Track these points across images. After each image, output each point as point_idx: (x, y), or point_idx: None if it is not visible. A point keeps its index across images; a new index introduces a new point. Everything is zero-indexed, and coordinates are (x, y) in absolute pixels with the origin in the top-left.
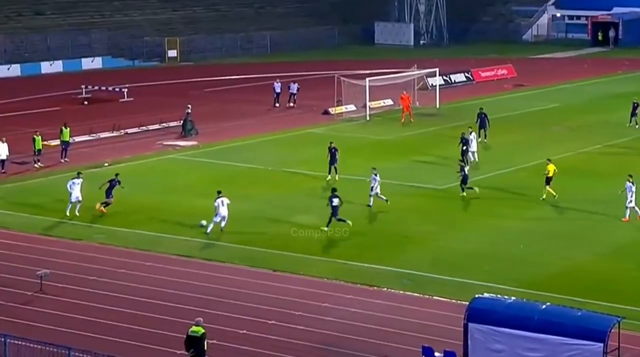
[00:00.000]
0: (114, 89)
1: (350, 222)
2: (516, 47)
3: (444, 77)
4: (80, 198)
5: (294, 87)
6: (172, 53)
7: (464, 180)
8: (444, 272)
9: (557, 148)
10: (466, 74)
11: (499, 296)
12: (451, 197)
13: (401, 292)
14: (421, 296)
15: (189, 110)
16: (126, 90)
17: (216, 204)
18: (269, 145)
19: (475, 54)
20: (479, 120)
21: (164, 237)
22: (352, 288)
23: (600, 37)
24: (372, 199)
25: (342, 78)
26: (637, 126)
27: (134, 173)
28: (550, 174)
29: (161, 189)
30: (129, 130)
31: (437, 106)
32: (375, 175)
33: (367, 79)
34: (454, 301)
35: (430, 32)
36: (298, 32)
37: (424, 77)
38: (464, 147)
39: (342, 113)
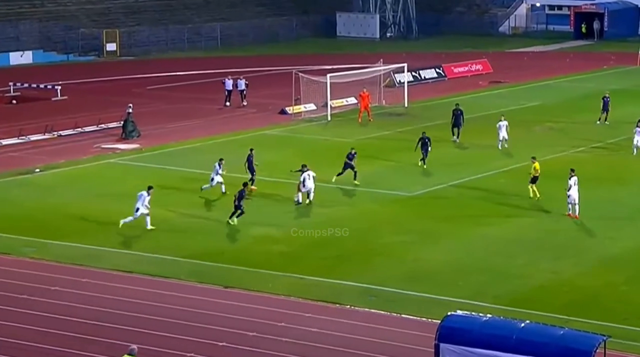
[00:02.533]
0: (45, 86)
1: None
2: (492, 40)
3: (413, 73)
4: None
5: (242, 84)
6: (110, 46)
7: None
8: (414, 288)
9: (538, 150)
10: (437, 70)
11: (473, 313)
12: (423, 204)
13: (366, 309)
14: (388, 314)
15: (130, 110)
16: (59, 88)
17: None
18: (220, 148)
19: (447, 48)
20: (454, 117)
21: (102, 250)
22: (311, 306)
23: (583, 29)
24: (300, 195)
25: (300, 74)
26: (606, 122)
27: (68, 179)
28: (537, 174)
29: (99, 197)
30: (63, 133)
31: (406, 105)
32: (306, 170)
33: (329, 76)
34: (424, 319)
35: (398, 23)
36: (252, 23)
37: (391, 73)
38: (423, 149)
39: (300, 113)
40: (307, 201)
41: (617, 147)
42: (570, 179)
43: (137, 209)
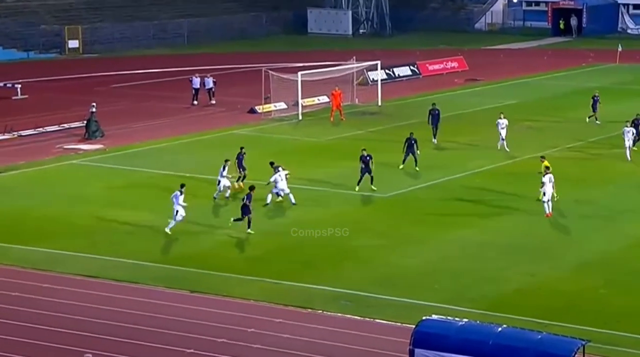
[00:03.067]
0: (5, 85)
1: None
2: (468, 37)
3: (387, 71)
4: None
5: (209, 82)
6: (73, 43)
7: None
8: (388, 292)
9: (515, 150)
10: (412, 67)
11: (449, 317)
12: (398, 206)
13: (339, 315)
14: (362, 319)
15: (94, 109)
16: (20, 86)
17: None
18: (187, 148)
19: (422, 45)
20: (430, 117)
21: (64, 254)
22: (282, 311)
23: (561, 26)
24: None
25: (270, 72)
26: (597, 122)
27: (29, 181)
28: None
29: (62, 200)
30: (24, 133)
31: (379, 103)
32: (278, 169)
33: (300, 73)
34: (399, 324)
35: (371, 19)
36: (220, 19)
37: (364, 70)
38: (409, 150)
39: (270, 112)
40: (279, 199)
41: (596, 147)
42: (544, 176)
43: (177, 212)
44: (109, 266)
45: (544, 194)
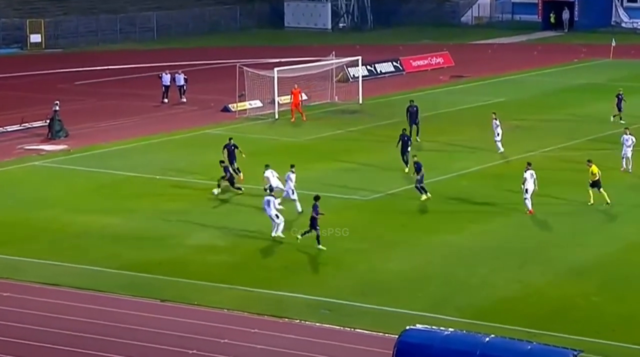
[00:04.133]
0: None
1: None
2: (454, 31)
3: (368, 67)
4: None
5: (180, 79)
6: (35, 38)
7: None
8: (369, 300)
9: (505, 150)
10: (394, 63)
11: (434, 327)
12: (380, 210)
13: (317, 324)
14: (342, 328)
15: (57, 108)
16: None
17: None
18: (157, 149)
19: (405, 40)
20: (408, 114)
21: (26, 261)
22: (257, 320)
23: (552, 20)
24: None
25: (245, 68)
26: (621, 121)
27: None
28: (596, 177)
29: (23, 203)
30: None
31: (360, 101)
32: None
33: (276, 69)
34: (380, 333)
35: (351, 13)
36: (191, 12)
37: (344, 67)
38: (403, 148)
39: (245, 110)
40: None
41: (589, 147)
42: (526, 172)
43: (277, 216)
44: (72, 273)
45: (526, 190)
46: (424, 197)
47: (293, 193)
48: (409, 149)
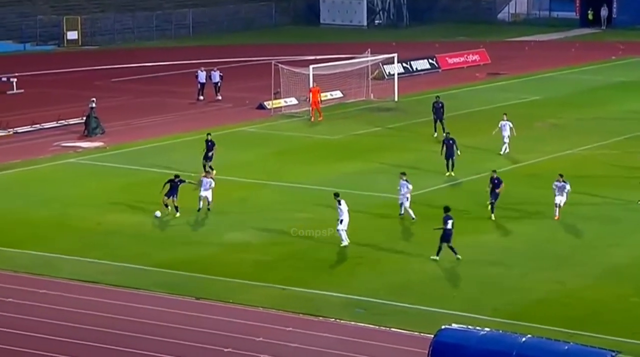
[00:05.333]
0: (0, 78)
1: (460, 257)
2: (490, 28)
3: (404, 65)
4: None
5: (216, 76)
6: (72, 35)
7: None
8: (405, 299)
9: (539, 149)
10: (430, 61)
11: (469, 327)
12: (414, 209)
13: (352, 323)
14: (377, 327)
15: (94, 105)
16: (15, 80)
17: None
18: (192, 146)
19: (441, 37)
20: (434, 110)
21: (62, 259)
22: (292, 319)
23: (590, 16)
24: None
25: (280, 65)
26: None
27: (25, 181)
28: None
29: (59, 201)
30: (19, 129)
31: (396, 99)
32: (406, 181)
33: (311, 67)
34: (416, 333)
35: (387, 9)
36: (226, 9)
37: (380, 64)
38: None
39: (280, 107)
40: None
41: (625, 146)
42: (557, 182)
43: (341, 221)
44: (107, 270)
45: (557, 203)
46: (493, 216)
47: (407, 200)
48: (456, 152)
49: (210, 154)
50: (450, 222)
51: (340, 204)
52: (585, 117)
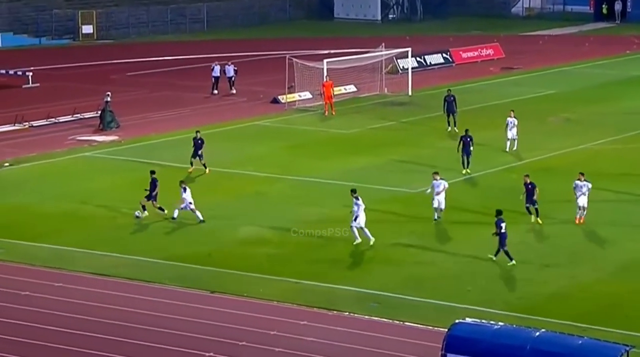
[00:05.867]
0: (15, 72)
1: (514, 262)
2: (504, 22)
3: (418, 59)
4: None
5: (230, 70)
6: (87, 29)
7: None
8: (418, 293)
9: (553, 143)
10: (444, 55)
11: (483, 321)
12: (428, 203)
13: (366, 317)
14: (391, 321)
15: (109, 99)
16: (31, 74)
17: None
18: (207, 140)
19: (455, 31)
20: (445, 104)
21: (77, 252)
22: (306, 313)
23: (604, 11)
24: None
25: (294, 60)
26: None
27: (40, 174)
28: None
29: (74, 194)
30: (35, 123)
31: (410, 93)
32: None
33: (325, 61)
34: (430, 327)
35: (401, 4)
36: (241, 3)
37: (394, 58)
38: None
39: (294, 102)
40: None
41: (639, 140)
42: (578, 181)
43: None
44: (121, 263)
45: (579, 206)
46: (533, 218)
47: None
48: (471, 149)
49: (199, 152)
50: (503, 225)
51: (358, 200)
52: (599, 112)
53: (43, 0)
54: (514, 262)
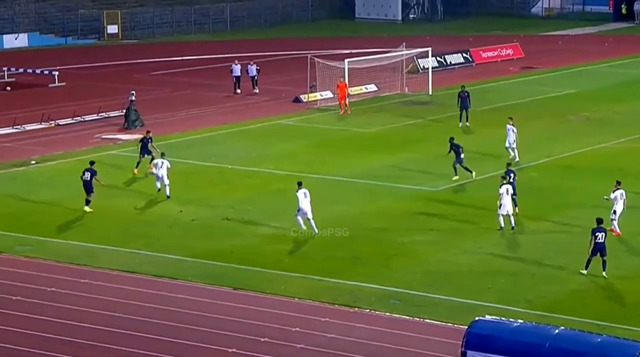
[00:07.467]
0: (42, 71)
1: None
2: (524, 22)
3: (438, 58)
4: None
5: (253, 69)
6: (112, 29)
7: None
8: (439, 291)
9: (573, 143)
10: (464, 55)
11: (503, 318)
12: (449, 201)
13: (387, 314)
14: (411, 318)
15: (133, 98)
16: (57, 73)
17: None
18: (229, 139)
19: (475, 31)
20: (459, 100)
21: (103, 249)
22: (328, 310)
23: (624, 10)
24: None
25: (316, 59)
26: None
27: (66, 172)
28: None
29: (100, 192)
30: (61, 122)
31: (430, 93)
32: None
33: (346, 61)
34: (450, 324)
35: (422, 4)
36: (263, 3)
37: (414, 58)
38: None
39: (316, 101)
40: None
41: None
42: (614, 191)
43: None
44: (146, 260)
45: (614, 211)
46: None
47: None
48: (462, 156)
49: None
50: (599, 234)
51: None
52: (619, 111)
53: (69, 1)
54: (605, 275)
